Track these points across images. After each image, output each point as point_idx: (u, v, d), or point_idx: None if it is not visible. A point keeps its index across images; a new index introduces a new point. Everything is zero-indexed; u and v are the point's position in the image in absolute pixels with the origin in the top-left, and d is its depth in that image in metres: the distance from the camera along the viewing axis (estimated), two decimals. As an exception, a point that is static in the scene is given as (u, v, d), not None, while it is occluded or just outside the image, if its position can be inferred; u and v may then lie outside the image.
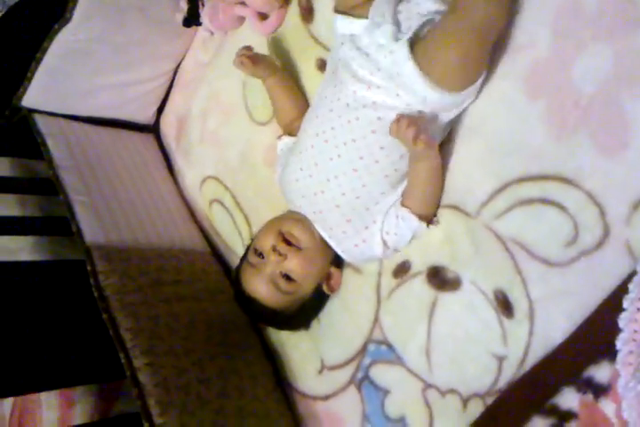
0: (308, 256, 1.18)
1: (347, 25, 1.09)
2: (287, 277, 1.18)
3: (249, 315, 1.33)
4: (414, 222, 1.08)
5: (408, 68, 0.98)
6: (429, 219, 1.09)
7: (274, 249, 1.17)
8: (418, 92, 0.99)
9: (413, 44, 0.99)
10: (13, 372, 1.22)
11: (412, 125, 0.96)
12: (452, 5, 0.98)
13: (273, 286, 1.19)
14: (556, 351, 0.91)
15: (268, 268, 1.19)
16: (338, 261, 1.24)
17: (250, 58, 1.27)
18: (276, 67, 1.33)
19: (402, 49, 0.99)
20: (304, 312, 1.26)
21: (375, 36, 1.04)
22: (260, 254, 1.21)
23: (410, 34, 0.99)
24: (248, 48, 1.31)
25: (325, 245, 1.20)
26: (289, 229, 1.19)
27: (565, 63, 0.94)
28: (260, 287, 1.20)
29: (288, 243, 1.18)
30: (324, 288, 1.23)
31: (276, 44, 1.43)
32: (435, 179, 1.07)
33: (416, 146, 0.97)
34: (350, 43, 1.07)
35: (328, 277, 1.23)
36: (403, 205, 1.09)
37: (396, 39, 1.01)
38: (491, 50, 0.99)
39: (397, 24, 1.03)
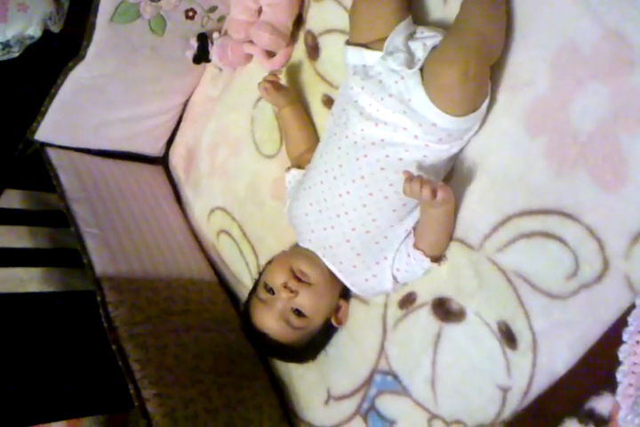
0: (319, 291, 1.20)
1: (359, 56, 1.11)
2: (298, 313, 1.20)
3: (257, 349, 1.34)
4: (427, 264, 1.10)
5: (418, 94, 1.00)
6: (440, 258, 1.11)
7: (285, 286, 1.19)
8: (427, 118, 1.01)
9: (423, 70, 1.02)
10: (22, 403, 1.23)
11: (425, 182, 0.98)
12: (450, 27, 1.02)
13: (284, 322, 1.20)
14: (558, 383, 0.93)
15: (279, 304, 1.20)
16: (346, 293, 1.26)
17: (273, 85, 1.31)
18: (294, 98, 1.36)
19: (413, 77, 1.01)
20: (312, 346, 1.27)
21: (388, 63, 1.06)
22: (271, 290, 1.22)
23: (421, 61, 1.03)
24: (274, 75, 1.34)
25: (334, 280, 1.21)
26: (299, 266, 1.21)
27: (564, 101, 0.97)
28: (271, 323, 1.21)
29: (299, 279, 1.19)
30: (333, 321, 1.24)
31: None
32: (448, 222, 1.09)
33: (435, 200, 0.98)
34: (362, 73, 1.10)
35: (337, 309, 1.24)
36: (416, 247, 1.10)
37: (409, 67, 1.04)
38: (489, 75, 1.02)
39: (411, 54, 1.06)
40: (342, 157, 1.11)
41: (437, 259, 1.11)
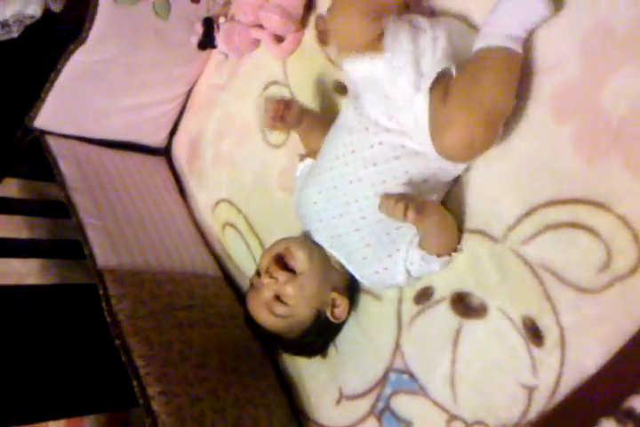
0: (301, 281, 1.16)
1: (363, 66, 1.06)
2: (280, 300, 1.16)
3: (258, 339, 1.30)
4: (437, 260, 1.05)
5: (423, 124, 0.98)
6: (451, 251, 1.06)
7: (266, 271, 1.16)
8: (429, 151, 1.00)
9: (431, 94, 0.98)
10: (21, 400, 1.18)
11: (400, 202, 0.94)
12: (460, 77, 0.98)
13: (266, 309, 1.18)
14: (592, 380, 0.88)
15: (263, 289, 1.18)
16: (347, 290, 1.21)
17: (281, 118, 1.18)
18: (303, 112, 1.23)
19: (421, 104, 0.98)
20: (309, 338, 1.22)
21: (397, 82, 1.02)
22: (259, 274, 1.20)
23: (428, 85, 0.98)
24: (277, 103, 1.19)
25: (327, 271, 1.17)
26: (284, 252, 1.18)
27: (596, 84, 0.93)
28: (256, 309, 1.20)
29: (283, 266, 1.16)
30: (329, 315, 1.19)
31: (293, 67, 1.43)
32: (445, 228, 1.04)
33: (407, 220, 0.94)
34: (371, 83, 1.06)
35: (333, 304, 1.19)
36: (421, 247, 1.05)
37: (417, 89, 0.99)
38: (501, 127, 0.98)
39: (418, 65, 1.01)
40: (355, 142, 1.07)
41: (448, 254, 1.06)
